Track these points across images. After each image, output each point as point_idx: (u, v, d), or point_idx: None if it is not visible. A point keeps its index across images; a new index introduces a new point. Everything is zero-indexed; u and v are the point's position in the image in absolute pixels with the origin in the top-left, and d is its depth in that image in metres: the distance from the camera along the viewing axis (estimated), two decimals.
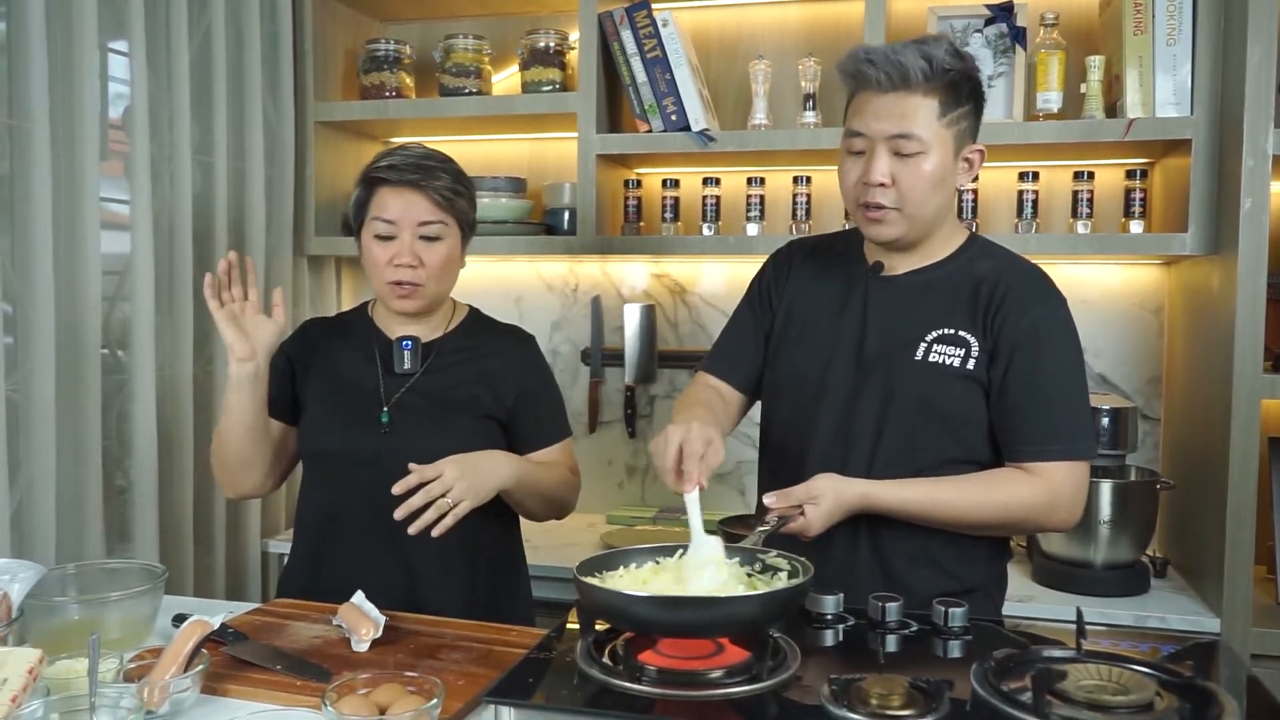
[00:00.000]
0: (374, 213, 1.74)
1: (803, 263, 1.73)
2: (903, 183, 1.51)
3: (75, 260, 1.96)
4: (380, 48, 2.68)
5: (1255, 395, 1.95)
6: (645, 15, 2.43)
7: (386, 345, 1.81)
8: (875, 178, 1.51)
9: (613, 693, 1.14)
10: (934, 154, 1.50)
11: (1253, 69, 1.93)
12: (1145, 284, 2.49)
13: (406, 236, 1.73)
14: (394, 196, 1.73)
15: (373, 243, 1.74)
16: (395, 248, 1.73)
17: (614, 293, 2.82)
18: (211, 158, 2.34)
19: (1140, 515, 2.16)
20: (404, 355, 1.79)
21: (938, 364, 1.54)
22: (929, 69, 1.47)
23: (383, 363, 1.79)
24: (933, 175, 1.51)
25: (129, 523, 2.11)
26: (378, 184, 1.75)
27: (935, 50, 1.48)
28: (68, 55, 1.94)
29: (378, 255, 1.74)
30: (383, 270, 1.74)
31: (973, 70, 1.54)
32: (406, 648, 1.42)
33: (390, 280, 1.74)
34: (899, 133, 1.49)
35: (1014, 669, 1.16)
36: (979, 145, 1.59)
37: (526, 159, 2.87)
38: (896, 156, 1.50)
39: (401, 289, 1.74)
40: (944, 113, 1.50)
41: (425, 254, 1.74)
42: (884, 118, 1.50)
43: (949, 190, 1.56)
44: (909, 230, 1.55)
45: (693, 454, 1.39)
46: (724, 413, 1.71)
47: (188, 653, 1.22)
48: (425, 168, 1.74)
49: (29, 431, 1.87)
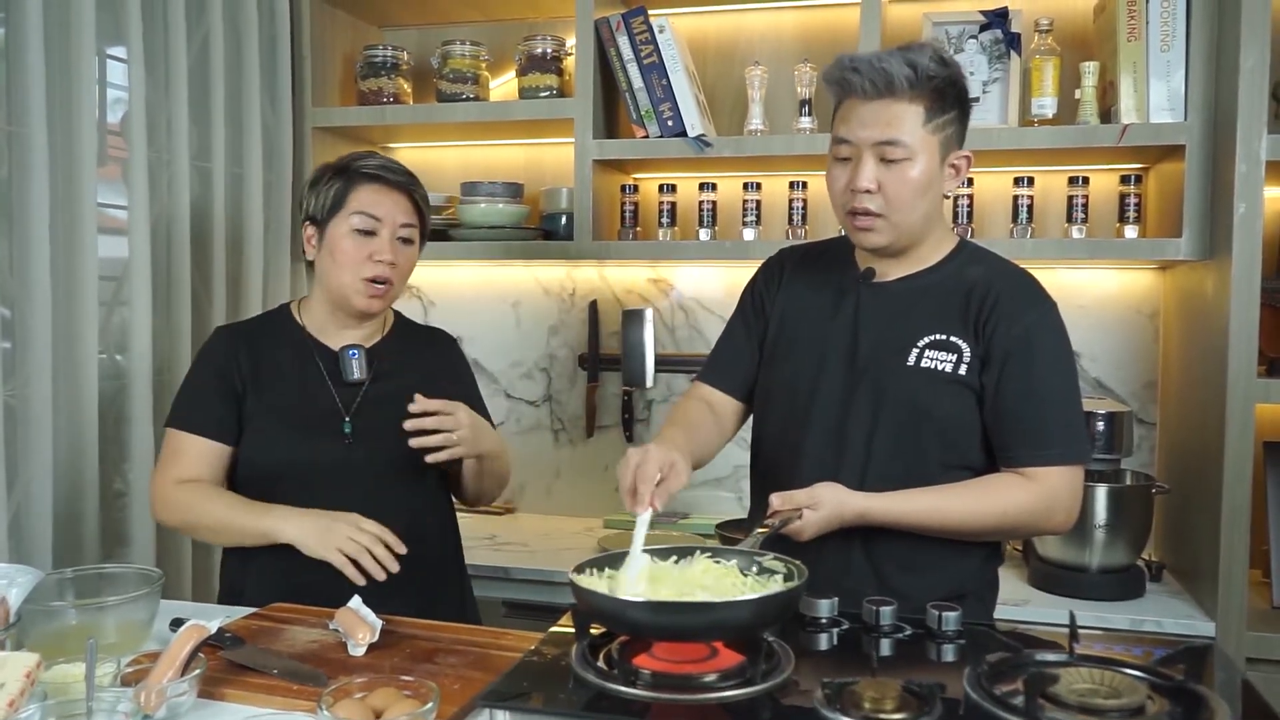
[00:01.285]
0: (357, 207, 1.74)
1: (794, 270, 1.74)
2: (889, 189, 1.52)
3: (73, 265, 1.96)
4: (378, 53, 2.68)
5: (1249, 400, 1.96)
6: (642, 21, 2.44)
7: (328, 354, 1.80)
8: (862, 184, 1.52)
9: (607, 697, 1.14)
10: (919, 160, 1.51)
11: (1246, 75, 1.94)
12: (1140, 289, 2.50)
13: (386, 234, 1.74)
14: (382, 194, 1.75)
15: (348, 236, 1.74)
16: (375, 244, 1.74)
17: (611, 297, 2.82)
18: (209, 163, 2.34)
19: (1136, 519, 2.16)
20: (351, 364, 1.78)
21: (929, 369, 1.55)
22: (913, 76, 1.49)
23: (329, 372, 1.79)
24: (918, 181, 1.52)
25: (127, 527, 2.12)
26: (363, 180, 1.76)
27: (919, 57, 1.49)
28: (65, 61, 1.94)
29: (351, 250, 1.73)
30: (358, 265, 1.73)
31: (958, 77, 1.54)
32: (403, 652, 1.42)
33: (367, 276, 1.74)
34: (885, 139, 1.50)
35: (1007, 672, 1.17)
36: (965, 151, 1.59)
37: (524, 164, 2.87)
38: (883, 163, 1.51)
39: (376, 287, 1.75)
40: (929, 119, 1.51)
41: (399, 255, 1.76)
42: (870, 124, 1.51)
43: (935, 196, 1.57)
44: (896, 237, 1.56)
45: (646, 478, 1.41)
46: (714, 427, 1.73)
47: (185, 657, 1.22)
48: (409, 174, 1.80)
49: (26, 436, 1.87)
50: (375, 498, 1.71)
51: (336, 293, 1.77)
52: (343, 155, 1.83)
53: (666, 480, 1.43)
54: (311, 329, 1.83)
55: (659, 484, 1.42)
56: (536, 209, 2.73)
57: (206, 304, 2.35)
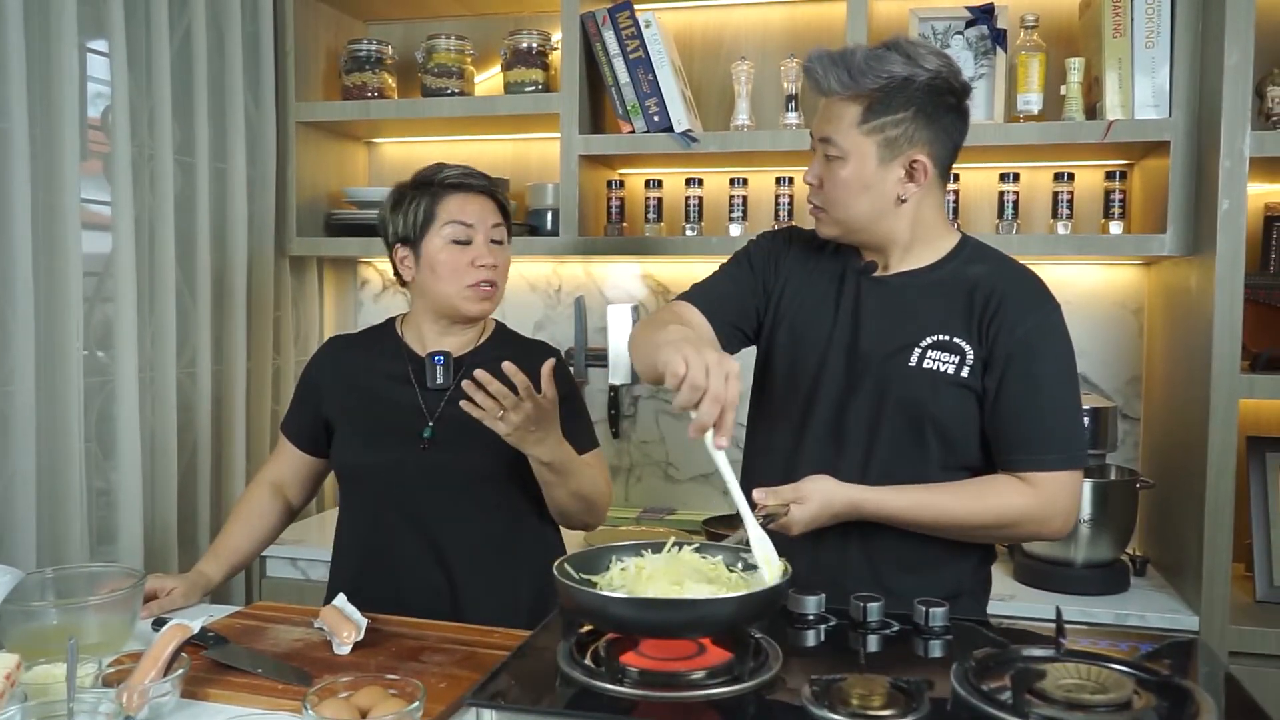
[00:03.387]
0: (448, 218, 1.76)
1: (801, 249, 1.70)
2: (826, 186, 1.56)
3: (55, 261, 1.95)
4: (362, 48, 2.67)
5: (1233, 395, 1.97)
6: (628, 16, 2.43)
7: (418, 361, 1.81)
8: (808, 178, 1.58)
9: (594, 694, 1.14)
10: (851, 161, 1.52)
11: (1230, 72, 1.94)
12: (1125, 284, 2.51)
13: (481, 238, 1.76)
14: (470, 201, 1.77)
15: (446, 248, 1.75)
16: (474, 250, 1.75)
17: (597, 293, 2.82)
18: (192, 158, 2.33)
19: (1120, 514, 2.17)
20: (436, 370, 1.79)
21: (932, 370, 1.53)
22: (846, 77, 1.50)
23: (416, 378, 1.80)
24: (849, 181, 1.53)
25: (112, 525, 2.11)
26: (448, 191, 1.77)
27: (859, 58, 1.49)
28: (46, 55, 1.93)
29: (454, 259, 1.75)
30: (463, 273, 1.75)
31: (918, 77, 1.49)
32: (388, 650, 1.42)
33: (471, 282, 1.75)
34: (822, 136, 1.55)
35: (994, 668, 1.17)
36: (918, 155, 1.52)
37: (509, 160, 2.86)
38: (825, 160, 1.56)
39: (483, 289, 1.76)
40: (866, 119, 1.50)
41: (497, 256, 1.78)
42: (819, 120, 1.57)
43: (879, 197, 1.53)
44: (842, 231, 1.59)
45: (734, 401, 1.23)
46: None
47: (167, 657, 1.21)
48: (489, 177, 1.82)
49: (8, 433, 1.86)
50: (454, 503, 1.73)
51: (445, 304, 1.78)
52: (416, 173, 1.82)
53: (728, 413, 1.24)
54: (408, 339, 1.85)
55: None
56: (522, 204, 2.72)
57: (190, 300, 2.33)
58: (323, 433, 1.84)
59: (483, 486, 1.74)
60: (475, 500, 1.74)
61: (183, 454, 2.29)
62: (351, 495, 1.81)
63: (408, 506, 1.73)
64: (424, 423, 1.76)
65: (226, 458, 2.46)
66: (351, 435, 1.79)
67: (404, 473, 1.73)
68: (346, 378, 1.84)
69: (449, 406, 1.76)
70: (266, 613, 1.61)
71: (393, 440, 1.76)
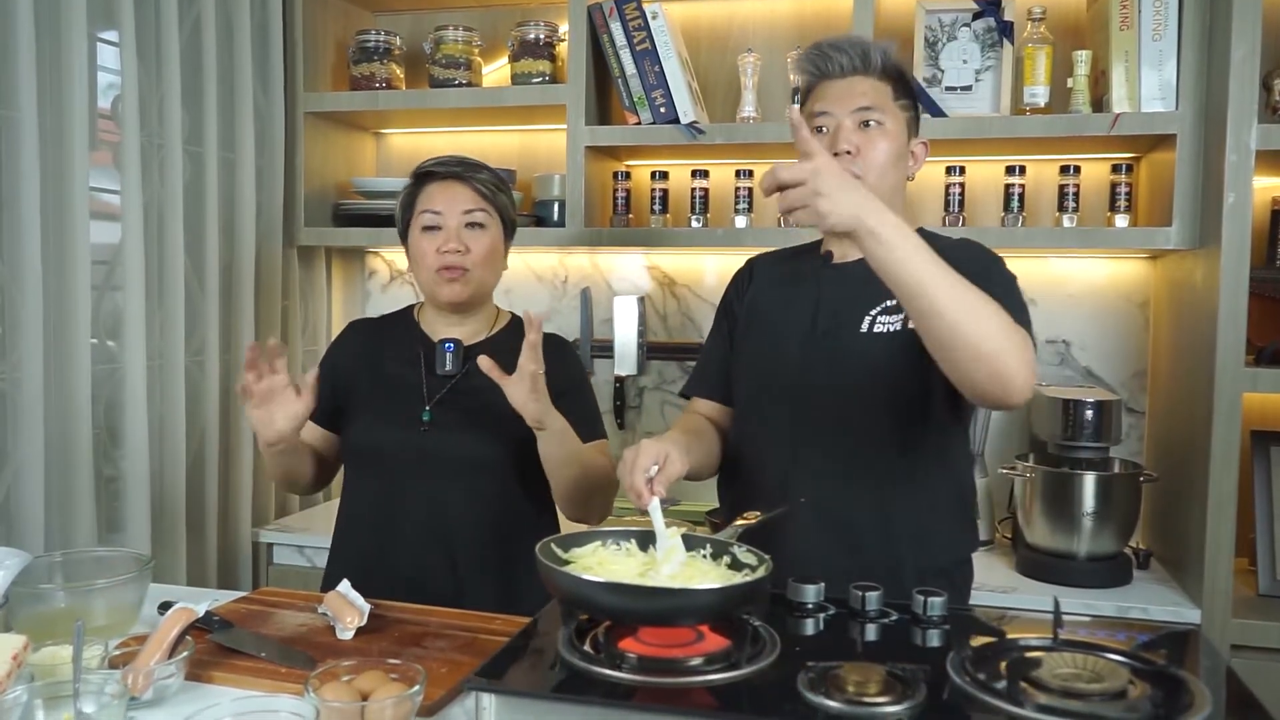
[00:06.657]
0: (421, 206, 1.80)
1: (763, 272, 1.81)
2: (867, 152, 1.60)
3: (64, 250, 1.96)
4: (370, 39, 2.68)
5: (1237, 388, 1.97)
6: (635, 8, 2.44)
7: (430, 347, 1.84)
8: (842, 146, 1.59)
9: (593, 679, 1.15)
10: (891, 127, 1.61)
11: (1236, 65, 1.94)
12: (1131, 278, 2.51)
13: (452, 224, 1.78)
14: (440, 189, 1.80)
15: (420, 236, 1.80)
16: (442, 237, 1.78)
17: (603, 284, 2.82)
18: (201, 148, 2.34)
19: (1123, 507, 2.17)
20: (445, 356, 1.82)
21: (881, 333, 1.60)
22: (885, 56, 1.64)
23: (426, 363, 1.83)
24: (892, 149, 1.61)
25: (120, 512, 2.12)
26: (425, 180, 1.82)
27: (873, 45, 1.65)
28: (56, 45, 1.94)
29: (425, 247, 1.79)
30: (430, 259, 1.78)
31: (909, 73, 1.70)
32: (391, 635, 1.43)
33: (437, 267, 1.77)
34: (865, 105, 1.61)
35: (990, 657, 1.18)
36: (922, 140, 1.70)
37: (516, 151, 2.87)
38: (861, 129, 1.60)
39: (450, 272, 1.77)
40: (897, 97, 1.64)
41: (471, 241, 1.79)
42: (848, 97, 1.61)
43: (902, 173, 1.66)
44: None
45: (641, 469, 1.43)
46: (713, 431, 1.77)
47: (172, 640, 1.23)
48: (467, 164, 1.84)
49: (17, 420, 1.87)
50: (449, 488, 1.75)
51: (427, 292, 1.85)
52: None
53: (663, 469, 1.44)
54: (424, 325, 1.89)
55: (657, 473, 1.43)
56: (529, 195, 2.73)
57: (199, 289, 2.35)
58: (337, 411, 1.87)
59: (475, 473, 1.76)
60: (473, 486, 1.76)
61: (191, 442, 2.30)
62: (357, 475, 1.84)
63: (410, 488, 1.76)
64: (422, 407, 1.79)
65: (234, 446, 2.47)
66: (359, 414, 1.83)
67: (405, 455, 1.76)
68: (362, 358, 1.88)
69: (451, 393, 1.80)
70: (271, 598, 1.62)
71: (396, 422, 1.78)
